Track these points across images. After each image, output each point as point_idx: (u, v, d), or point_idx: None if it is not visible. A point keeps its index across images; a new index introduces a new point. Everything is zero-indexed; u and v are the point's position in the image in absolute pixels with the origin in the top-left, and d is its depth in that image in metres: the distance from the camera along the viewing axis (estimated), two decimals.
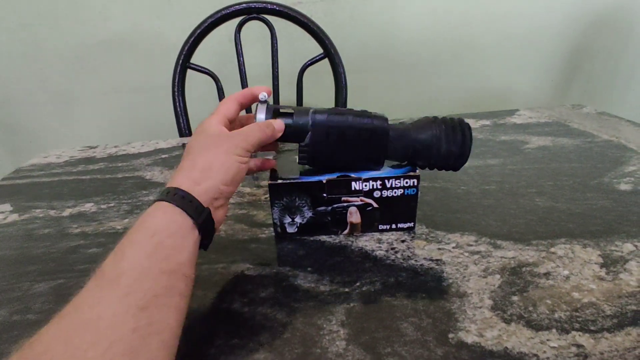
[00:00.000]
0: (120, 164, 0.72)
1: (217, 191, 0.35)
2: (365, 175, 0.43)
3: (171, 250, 0.30)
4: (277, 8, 0.94)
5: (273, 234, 0.47)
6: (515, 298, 0.35)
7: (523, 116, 0.83)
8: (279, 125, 0.41)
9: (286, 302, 0.37)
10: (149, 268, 0.29)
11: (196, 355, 0.32)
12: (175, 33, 1.02)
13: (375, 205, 0.44)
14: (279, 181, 0.43)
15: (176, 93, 0.94)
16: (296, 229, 0.46)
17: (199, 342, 0.33)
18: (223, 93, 0.98)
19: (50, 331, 0.25)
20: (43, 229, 0.52)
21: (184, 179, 0.34)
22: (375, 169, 0.45)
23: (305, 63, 0.97)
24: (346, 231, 0.46)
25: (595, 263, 0.39)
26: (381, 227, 0.46)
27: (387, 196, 0.43)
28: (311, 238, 0.46)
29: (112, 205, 0.57)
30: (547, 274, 0.38)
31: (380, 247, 0.44)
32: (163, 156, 0.75)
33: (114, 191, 0.62)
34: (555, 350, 0.30)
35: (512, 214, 0.48)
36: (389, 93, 1.42)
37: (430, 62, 1.39)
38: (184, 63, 0.94)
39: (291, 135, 0.42)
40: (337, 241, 0.45)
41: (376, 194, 0.43)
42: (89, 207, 0.57)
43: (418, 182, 0.43)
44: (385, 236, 0.45)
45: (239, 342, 0.33)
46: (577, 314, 0.33)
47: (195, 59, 0.96)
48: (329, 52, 0.95)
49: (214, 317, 0.36)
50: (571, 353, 0.30)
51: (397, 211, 0.45)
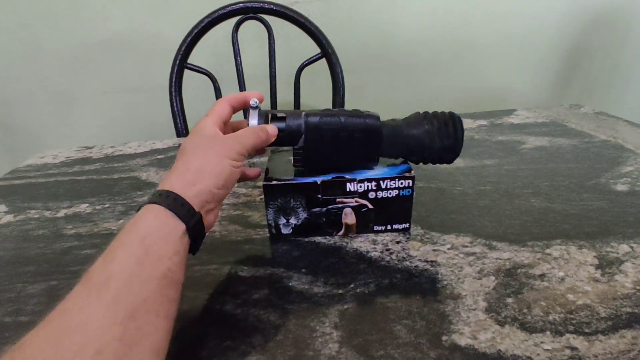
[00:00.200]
0: (116, 165, 0.72)
1: (209, 195, 0.35)
2: (360, 176, 0.43)
3: (161, 255, 0.30)
4: (274, 8, 0.94)
5: (268, 235, 0.47)
6: (509, 300, 0.35)
7: (520, 116, 0.83)
8: (273, 130, 0.41)
9: (279, 304, 0.37)
10: (139, 273, 0.28)
11: (188, 357, 0.32)
12: (173, 33, 1.02)
13: (370, 206, 0.44)
14: (274, 182, 0.43)
15: (173, 93, 0.93)
16: (291, 230, 0.45)
17: (191, 344, 0.33)
18: (220, 93, 0.98)
19: (37, 335, 0.25)
20: (38, 230, 0.52)
21: (177, 181, 0.34)
22: (370, 168, 0.44)
23: (302, 63, 0.97)
24: (341, 232, 0.46)
25: (590, 264, 0.39)
26: (376, 228, 0.45)
27: (382, 197, 0.43)
28: (306, 239, 0.46)
29: (107, 206, 0.57)
30: (542, 276, 0.38)
31: (375, 248, 0.43)
32: (159, 157, 0.75)
33: (110, 192, 0.61)
34: (549, 352, 0.30)
35: (508, 215, 0.48)
36: (387, 93, 1.42)
37: (428, 62, 1.38)
38: (181, 63, 0.94)
39: (285, 139, 0.42)
40: (332, 242, 0.45)
41: (371, 195, 0.43)
42: (84, 208, 0.57)
43: (413, 183, 0.43)
44: (380, 237, 0.45)
45: (232, 344, 0.33)
46: (572, 316, 0.33)
47: (192, 59, 0.96)
48: (326, 52, 0.95)
49: (206, 319, 0.36)
50: (565, 356, 0.30)
51: (392, 212, 0.44)
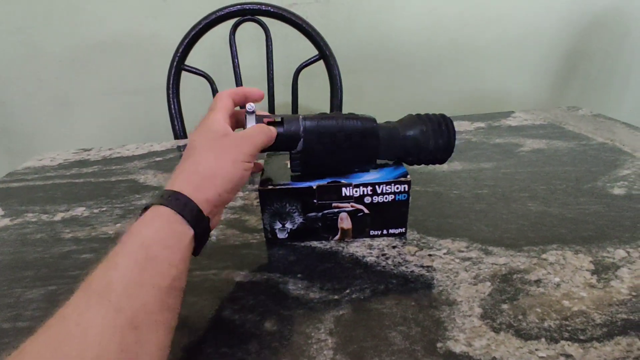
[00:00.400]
0: (114, 167, 0.72)
1: (219, 199, 0.34)
2: (355, 180, 0.43)
3: (166, 264, 0.29)
4: (272, 9, 0.94)
5: (264, 240, 0.47)
6: (505, 306, 0.35)
7: (518, 118, 0.83)
8: (274, 129, 0.41)
9: (276, 310, 0.37)
10: (141, 282, 0.27)
11: None
12: (171, 35, 1.02)
13: (366, 211, 0.44)
14: (269, 187, 0.43)
15: (171, 95, 0.93)
16: (287, 235, 0.45)
17: (189, 351, 0.33)
18: None
19: (36, 341, 0.24)
20: (36, 234, 0.52)
21: (187, 184, 0.33)
22: (367, 170, 0.45)
23: (300, 64, 0.97)
24: (337, 237, 0.46)
25: (586, 270, 0.39)
26: (372, 233, 0.45)
27: (378, 202, 0.43)
28: (302, 244, 0.46)
29: (105, 209, 0.57)
30: (538, 281, 0.38)
31: (371, 253, 0.43)
32: (157, 159, 0.75)
33: (107, 195, 0.61)
34: None
35: (504, 219, 0.48)
36: (385, 94, 1.42)
37: (426, 64, 1.38)
38: (179, 65, 0.94)
39: (283, 143, 0.42)
40: (328, 247, 0.45)
41: (367, 200, 0.43)
42: (82, 212, 0.57)
43: (409, 188, 0.43)
44: (376, 242, 0.45)
45: (228, 351, 0.33)
46: (567, 323, 0.33)
47: (190, 61, 0.96)
48: (324, 54, 0.95)
49: (205, 325, 0.36)
50: None
51: (388, 217, 0.45)
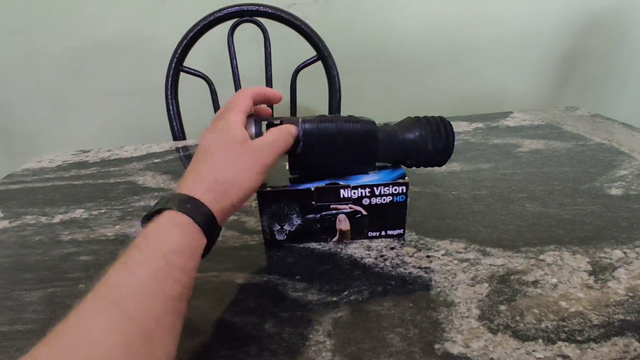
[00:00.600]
0: (112, 169, 0.72)
1: (233, 209, 0.35)
2: (354, 182, 0.43)
3: (182, 273, 0.29)
4: (270, 11, 0.94)
5: (263, 241, 0.47)
6: (502, 307, 0.35)
7: (516, 119, 0.83)
8: (294, 129, 0.40)
9: (275, 312, 0.37)
10: (157, 292, 0.27)
11: None
12: (169, 36, 1.02)
13: (364, 212, 0.44)
14: (268, 189, 0.43)
15: (169, 96, 0.94)
16: (285, 237, 0.45)
17: (192, 353, 0.33)
18: (216, 96, 0.98)
19: (47, 346, 0.24)
20: (35, 236, 0.52)
21: (207, 192, 0.33)
22: (367, 173, 0.45)
23: (298, 65, 0.97)
24: (335, 238, 0.46)
25: (584, 270, 0.39)
26: (371, 234, 0.46)
27: (376, 203, 0.43)
28: (300, 245, 0.46)
29: (104, 211, 0.57)
30: (536, 282, 0.38)
31: (369, 255, 0.44)
32: (156, 160, 0.75)
33: (106, 197, 0.62)
34: None
35: (502, 220, 0.48)
36: (384, 95, 1.42)
37: (425, 64, 1.38)
38: (177, 66, 0.94)
39: None
40: (327, 248, 0.45)
41: (365, 202, 0.43)
42: (80, 214, 0.57)
43: (407, 190, 0.43)
44: (374, 243, 0.45)
45: (229, 354, 0.33)
46: (564, 324, 0.33)
47: (188, 62, 0.96)
48: (323, 55, 0.95)
49: (206, 328, 0.36)
50: None
51: (387, 218, 0.45)
